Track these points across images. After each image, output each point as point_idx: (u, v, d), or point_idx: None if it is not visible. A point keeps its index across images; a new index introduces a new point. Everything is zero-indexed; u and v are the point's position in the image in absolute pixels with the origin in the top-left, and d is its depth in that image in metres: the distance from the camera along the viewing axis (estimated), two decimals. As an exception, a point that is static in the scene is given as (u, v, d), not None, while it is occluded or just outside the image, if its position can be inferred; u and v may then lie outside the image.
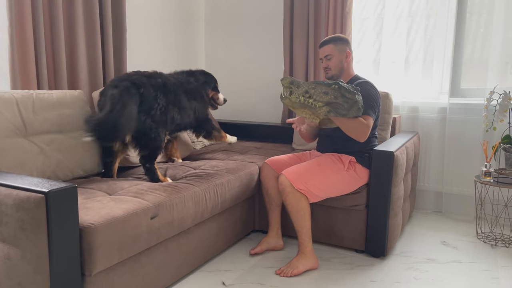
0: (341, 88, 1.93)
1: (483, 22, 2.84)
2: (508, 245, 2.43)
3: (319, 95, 1.92)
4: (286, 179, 2.07)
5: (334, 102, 1.93)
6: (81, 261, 1.44)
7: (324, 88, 1.92)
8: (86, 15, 2.53)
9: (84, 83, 2.54)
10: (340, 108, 1.95)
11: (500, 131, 2.71)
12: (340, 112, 1.96)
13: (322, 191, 2.13)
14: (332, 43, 2.29)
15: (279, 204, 2.32)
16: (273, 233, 2.33)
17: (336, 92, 1.92)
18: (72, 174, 2.07)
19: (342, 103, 1.93)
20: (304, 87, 1.94)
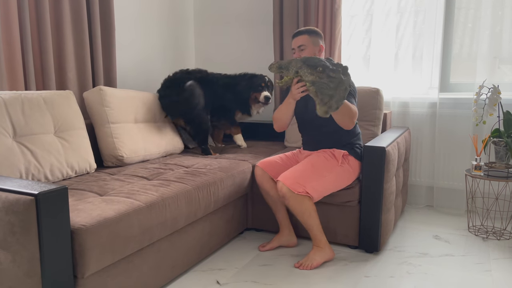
0: (325, 70, 1.90)
1: (471, 17, 2.86)
2: (499, 238, 2.46)
3: (305, 74, 1.92)
4: (284, 185, 2.06)
5: (319, 82, 1.90)
6: (73, 263, 1.42)
7: (310, 69, 1.92)
8: (74, 13, 2.50)
9: (72, 83, 2.51)
10: (326, 88, 1.90)
11: (490, 125, 2.74)
12: (327, 92, 1.90)
13: (320, 192, 2.13)
14: (307, 34, 2.28)
15: (283, 203, 2.31)
16: (285, 232, 2.34)
17: (321, 73, 1.90)
18: (62, 175, 2.04)
19: (328, 82, 1.89)
20: (293, 68, 1.95)
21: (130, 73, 3.14)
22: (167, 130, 2.75)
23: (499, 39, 2.76)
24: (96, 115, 2.38)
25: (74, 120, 2.18)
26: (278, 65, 1.95)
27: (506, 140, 2.38)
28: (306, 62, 1.93)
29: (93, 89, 2.40)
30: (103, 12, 2.69)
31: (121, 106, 2.44)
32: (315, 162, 2.17)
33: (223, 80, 2.94)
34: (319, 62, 1.92)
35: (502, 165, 2.43)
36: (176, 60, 3.61)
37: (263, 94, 2.86)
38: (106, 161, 2.38)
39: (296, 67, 1.94)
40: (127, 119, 2.47)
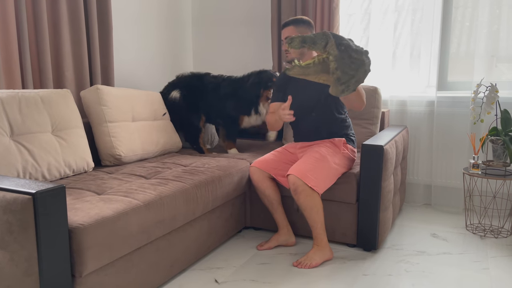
0: (347, 48, 1.77)
1: (468, 16, 2.87)
2: (497, 236, 2.47)
3: (332, 47, 1.75)
4: (298, 178, 2.05)
5: (343, 60, 1.76)
6: (71, 262, 1.42)
7: (336, 43, 1.76)
8: (71, 12, 2.49)
9: (70, 82, 2.51)
10: (348, 68, 1.77)
11: (487, 123, 2.75)
12: (348, 72, 1.77)
13: (328, 182, 2.15)
14: (293, 25, 2.27)
15: (280, 202, 2.32)
16: (284, 231, 2.33)
17: (344, 52, 1.76)
18: (60, 174, 2.03)
19: (349, 63, 1.77)
20: (321, 42, 1.76)
21: (127, 72, 3.13)
22: (165, 128, 2.74)
23: (497, 38, 2.77)
24: (93, 114, 2.38)
25: (72, 119, 2.17)
26: (301, 39, 1.75)
27: (503, 138, 2.38)
28: (334, 35, 1.78)
29: (90, 88, 2.39)
30: (100, 11, 2.68)
31: (118, 105, 2.44)
32: (321, 154, 2.17)
33: (225, 88, 2.82)
34: (344, 40, 1.79)
35: (500, 164, 2.44)
36: (173, 60, 3.60)
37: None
38: (104, 160, 2.37)
39: (325, 39, 1.76)
40: (125, 117, 2.47)
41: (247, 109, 2.78)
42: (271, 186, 2.29)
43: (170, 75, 3.58)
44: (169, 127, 2.79)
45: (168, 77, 3.56)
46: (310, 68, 1.79)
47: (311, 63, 1.79)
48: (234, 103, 2.79)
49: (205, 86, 2.86)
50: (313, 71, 1.79)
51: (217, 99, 2.82)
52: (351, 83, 1.78)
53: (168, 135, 2.74)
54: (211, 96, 2.83)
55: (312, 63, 1.79)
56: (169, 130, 2.77)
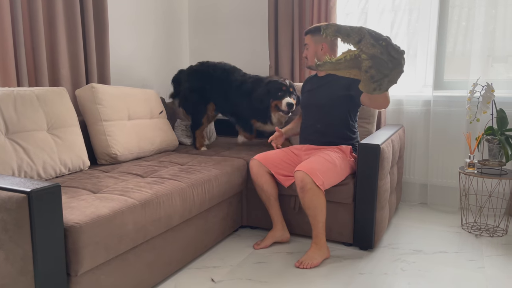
0: (388, 45, 1.73)
1: (464, 16, 2.87)
2: (492, 235, 2.48)
3: (366, 46, 1.71)
4: (306, 175, 2.04)
5: (379, 58, 1.73)
6: (67, 261, 1.41)
7: (373, 40, 1.72)
8: (67, 9, 2.48)
9: (66, 80, 2.49)
10: (383, 67, 1.73)
11: (483, 123, 2.75)
12: (383, 71, 1.74)
13: (332, 183, 2.17)
14: (310, 34, 2.35)
15: (276, 198, 2.32)
16: (278, 227, 2.34)
17: (383, 48, 1.72)
18: (55, 172, 2.02)
19: (387, 61, 1.73)
20: (355, 36, 1.73)
21: (124, 70, 3.12)
22: (162, 126, 2.73)
23: (493, 38, 2.77)
24: (89, 113, 2.36)
25: (67, 117, 2.16)
26: (336, 28, 1.72)
27: (499, 138, 2.39)
28: (370, 31, 1.74)
29: (85, 86, 2.38)
30: (96, 8, 2.67)
31: (113, 103, 2.42)
32: (331, 156, 2.19)
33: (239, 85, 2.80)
34: (382, 36, 1.75)
35: (495, 163, 2.45)
36: (170, 58, 3.59)
37: (284, 101, 2.57)
38: (100, 159, 2.36)
39: (359, 34, 1.72)
40: (120, 116, 2.45)
41: (259, 117, 2.77)
42: (269, 181, 2.29)
43: (167, 73, 3.57)
44: (166, 126, 2.78)
45: (165, 74, 3.54)
46: (341, 63, 1.77)
47: (342, 58, 1.77)
48: (247, 108, 2.77)
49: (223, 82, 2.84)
50: (344, 66, 1.77)
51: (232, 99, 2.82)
52: (384, 82, 1.76)
53: (165, 134, 2.73)
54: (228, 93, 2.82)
55: (343, 59, 1.77)
56: (165, 128, 2.76)
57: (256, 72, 3.53)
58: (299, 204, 2.36)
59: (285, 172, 2.31)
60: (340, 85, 2.30)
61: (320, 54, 2.33)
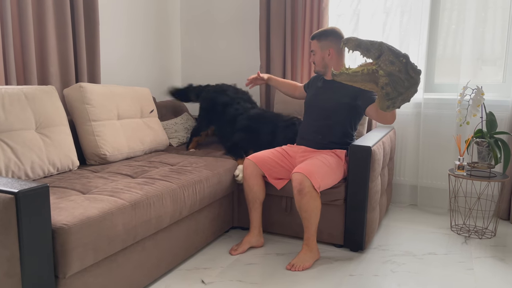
0: (408, 63, 1.73)
1: (455, 19, 2.90)
2: (481, 237, 2.50)
3: (385, 62, 1.72)
4: (305, 177, 2.03)
5: (397, 76, 1.73)
6: (54, 263, 1.39)
7: (392, 57, 1.73)
8: (56, 6, 2.44)
9: (55, 78, 2.46)
10: (400, 85, 1.73)
11: (473, 125, 2.78)
12: (398, 90, 1.75)
13: (327, 186, 2.17)
14: (316, 39, 2.34)
15: (262, 201, 2.31)
16: (255, 232, 2.32)
17: (402, 66, 1.73)
18: (44, 172, 1.99)
19: (404, 80, 1.73)
20: (375, 52, 1.73)
21: (115, 68, 3.09)
22: (152, 125, 2.71)
23: (482, 41, 2.80)
24: (77, 112, 2.33)
25: (56, 116, 2.12)
26: (357, 43, 1.73)
27: (488, 140, 2.42)
28: (390, 48, 1.74)
29: (73, 86, 2.34)
30: (87, 6, 2.64)
31: (102, 103, 2.39)
32: (328, 160, 2.19)
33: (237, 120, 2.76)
34: (402, 53, 1.74)
35: (485, 165, 2.47)
36: (161, 57, 3.57)
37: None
38: (89, 159, 2.33)
39: (379, 50, 1.73)
40: (110, 116, 2.42)
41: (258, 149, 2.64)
42: (260, 184, 2.28)
43: (158, 72, 3.54)
44: (157, 125, 2.76)
45: (156, 74, 3.52)
46: (357, 76, 1.79)
47: (359, 71, 1.78)
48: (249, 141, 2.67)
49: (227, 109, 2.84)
50: (360, 79, 1.79)
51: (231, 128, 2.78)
52: (397, 100, 1.77)
53: (155, 133, 2.70)
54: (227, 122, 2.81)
55: (360, 72, 1.78)
56: (156, 127, 2.74)
57: (249, 72, 3.54)
58: (291, 205, 2.36)
59: (279, 175, 2.30)
60: (346, 93, 2.29)
61: (327, 60, 2.33)
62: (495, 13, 2.76)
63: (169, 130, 3.03)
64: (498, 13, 2.76)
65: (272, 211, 2.43)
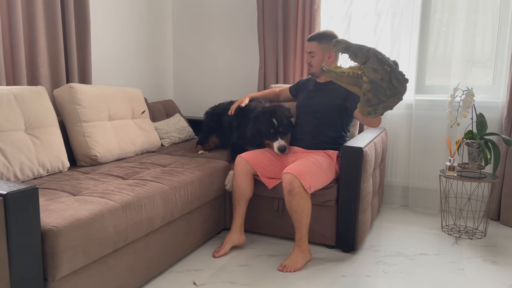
0: (392, 72, 1.72)
1: (446, 21, 2.92)
2: (471, 237, 2.52)
3: (368, 69, 1.73)
4: (295, 178, 2.04)
5: (379, 84, 1.72)
6: (44, 266, 1.37)
7: (376, 64, 1.72)
8: (47, 5, 2.42)
9: (45, 78, 2.43)
10: (381, 93, 1.73)
11: (463, 127, 2.80)
12: (380, 97, 1.74)
13: (318, 187, 2.17)
14: (317, 41, 2.35)
15: (248, 199, 2.31)
16: (237, 229, 2.30)
17: (386, 74, 1.72)
18: (33, 174, 1.97)
19: (385, 88, 1.72)
20: (362, 57, 1.73)
21: (106, 69, 3.06)
22: (144, 126, 2.69)
23: (472, 43, 2.83)
24: (67, 113, 2.30)
25: (46, 117, 2.10)
26: (346, 46, 1.76)
27: (478, 141, 2.43)
28: (377, 55, 1.73)
29: (63, 86, 2.32)
30: (77, 5, 2.61)
31: (93, 103, 2.37)
32: (319, 161, 2.19)
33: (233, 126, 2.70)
34: (388, 61, 1.73)
35: (475, 166, 2.49)
36: (154, 56, 3.55)
37: (275, 145, 2.34)
38: (79, 160, 2.31)
39: (366, 56, 1.73)
40: (100, 117, 2.40)
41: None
42: (249, 182, 2.28)
43: (150, 73, 3.53)
44: (148, 125, 2.74)
45: (148, 74, 3.50)
46: (343, 77, 1.80)
47: (345, 72, 1.80)
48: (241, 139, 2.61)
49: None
50: (345, 80, 1.81)
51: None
52: (379, 107, 1.76)
53: (147, 134, 2.69)
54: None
55: (347, 73, 1.80)
56: (148, 128, 2.72)
57: (243, 74, 3.53)
58: (283, 206, 2.36)
59: (271, 174, 2.30)
60: (337, 95, 2.32)
61: (327, 63, 2.37)
62: (485, 15, 2.79)
63: (161, 131, 3.01)
64: (488, 16, 2.79)
65: (264, 212, 2.43)
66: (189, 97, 3.80)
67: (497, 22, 2.77)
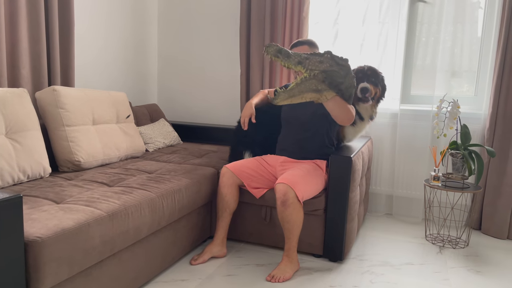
0: (333, 56, 1.87)
1: (432, 32, 2.97)
2: (454, 247, 2.55)
3: (314, 64, 1.84)
4: (290, 188, 2.01)
5: (330, 70, 1.86)
6: (26, 278, 1.30)
7: (318, 57, 1.85)
8: (30, 6, 2.34)
9: (26, 80, 2.35)
10: (336, 76, 1.87)
11: (448, 137, 2.85)
12: (337, 80, 1.87)
13: (309, 196, 2.15)
14: (307, 45, 2.34)
15: (232, 212, 2.27)
16: (218, 241, 2.26)
17: (330, 60, 1.86)
18: (13, 180, 1.88)
19: (338, 70, 1.86)
20: (295, 58, 1.84)
21: (90, 71, 2.99)
22: (128, 131, 2.63)
23: (458, 54, 2.88)
24: (50, 117, 2.22)
25: (28, 121, 2.02)
26: (278, 49, 1.83)
27: (462, 152, 2.47)
28: (310, 54, 1.87)
29: (46, 89, 2.24)
30: (62, 6, 2.54)
31: (77, 107, 2.30)
32: (309, 170, 2.17)
33: None
34: (323, 53, 1.88)
35: (459, 176, 2.53)
36: (138, 58, 3.48)
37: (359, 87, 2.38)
38: (62, 166, 2.23)
39: (297, 57, 1.84)
40: (84, 121, 2.33)
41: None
42: (234, 193, 2.25)
43: (135, 76, 3.46)
44: (133, 130, 2.68)
45: (133, 77, 3.43)
46: (294, 89, 1.85)
47: (294, 84, 1.85)
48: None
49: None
50: (297, 91, 1.85)
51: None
52: (342, 88, 1.90)
53: (131, 139, 2.62)
54: None
55: (295, 84, 1.85)
56: (132, 133, 2.66)
57: (228, 78, 3.51)
58: (271, 214, 2.33)
59: (258, 184, 2.28)
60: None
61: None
62: (471, 27, 2.85)
63: (146, 136, 2.95)
64: (473, 28, 2.85)
65: (251, 221, 2.40)
66: (173, 101, 3.75)
67: (480, 35, 2.84)
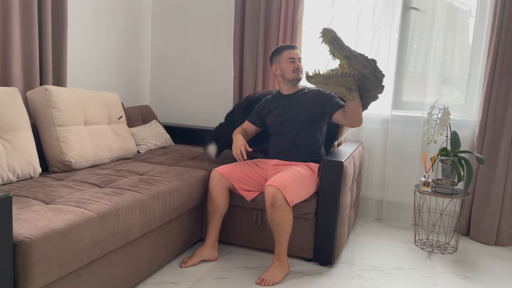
0: (376, 67, 1.98)
1: (423, 39, 3.00)
2: (443, 252, 2.57)
3: (359, 65, 1.94)
4: (278, 191, 2.02)
5: (368, 77, 1.97)
6: (15, 279, 1.29)
7: (365, 61, 1.96)
8: (23, 5, 2.32)
9: (17, 79, 2.33)
10: (369, 84, 1.99)
11: (438, 144, 2.88)
12: (368, 87, 1.99)
13: (300, 200, 2.16)
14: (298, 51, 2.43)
15: (222, 215, 2.27)
16: (209, 245, 2.26)
17: (373, 69, 1.96)
18: (3, 179, 1.86)
19: (373, 80, 1.97)
20: (345, 52, 1.94)
21: (82, 71, 2.97)
22: (120, 132, 2.61)
23: (449, 62, 2.92)
24: (41, 117, 2.20)
25: (18, 120, 2.00)
26: (334, 36, 1.94)
27: (452, 159, 2.50)
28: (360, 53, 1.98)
29: (38, 88, 2.22)
30: (55, 5, 2.52)
31: (69, 107, 2.28)
32: (301, 173, 2.18)
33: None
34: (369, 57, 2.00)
35: (448, 183, 2.55)
36: (131, 60, 3.47)
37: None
38: (52, 166, 2.21)
39: (349, 51, 1.95)
40: (76, 121, 2.31)
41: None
42: (224, 196, 2.25)
43: (128, 76, 3.44)
44: (125, 131, 2.67)
45: (126, 78, 3.42)
46: (331, 78, 1.96)
47: (333, 74, 1.96)
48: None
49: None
50: (333, 81, 1.96)
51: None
52: (365, 97, 2.05)
53: (123, 140, 2.61)
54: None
55: (335, 74, 1.96)
56: (124, 134, 2.64)
57: (221, 80, 3.51)
58: (262, 218, 2.34)
59: (248, 187, 2.28)
60: (313, 102, 2.30)
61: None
62: (462, 35, 2.89)
63: (137, 137, 2.94)
64: (464, 36, 2.89)
65: (242, 224, 2.40)
66: (165, 102, 3.74)
67: (470, 43, 2.88)
